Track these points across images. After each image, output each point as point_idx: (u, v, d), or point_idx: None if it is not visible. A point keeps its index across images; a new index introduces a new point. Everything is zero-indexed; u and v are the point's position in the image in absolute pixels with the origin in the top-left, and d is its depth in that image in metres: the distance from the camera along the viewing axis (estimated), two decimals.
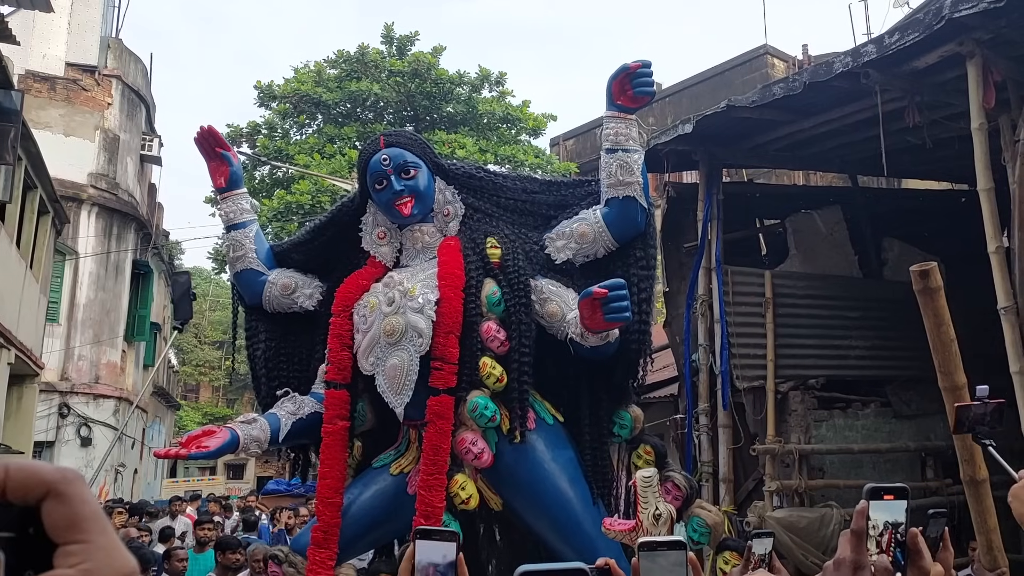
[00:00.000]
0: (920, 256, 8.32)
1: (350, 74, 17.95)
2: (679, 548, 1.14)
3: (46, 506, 0.48)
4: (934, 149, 6.29)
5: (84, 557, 0.48)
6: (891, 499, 1.12)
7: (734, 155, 7.76)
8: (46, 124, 16.03)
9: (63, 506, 0.48)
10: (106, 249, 16.67)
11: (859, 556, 1.07)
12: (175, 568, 5.84)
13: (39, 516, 0.48)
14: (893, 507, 1.11)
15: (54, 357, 15.53)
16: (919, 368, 7.72)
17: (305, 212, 16.34)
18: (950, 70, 5.50)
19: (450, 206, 3.60)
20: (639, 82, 3.28)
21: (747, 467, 7.16)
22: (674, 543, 1.14)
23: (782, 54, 18.17)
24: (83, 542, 0.48)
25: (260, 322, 3.84)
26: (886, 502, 1.11)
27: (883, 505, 1.11)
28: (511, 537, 3.72)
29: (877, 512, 1.10)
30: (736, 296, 7.19)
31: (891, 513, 1.11)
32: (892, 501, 1.12)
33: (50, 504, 0.48)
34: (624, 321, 3.03)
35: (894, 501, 1.12)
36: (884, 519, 1.11)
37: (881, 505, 1.11)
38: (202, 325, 34.48)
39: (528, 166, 17.37)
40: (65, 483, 0.49)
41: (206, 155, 3.75)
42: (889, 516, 1.11)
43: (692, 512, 3.23)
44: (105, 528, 0.50)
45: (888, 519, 1.11)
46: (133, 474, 18.50)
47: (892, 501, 1.12)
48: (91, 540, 0.49)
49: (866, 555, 1.07)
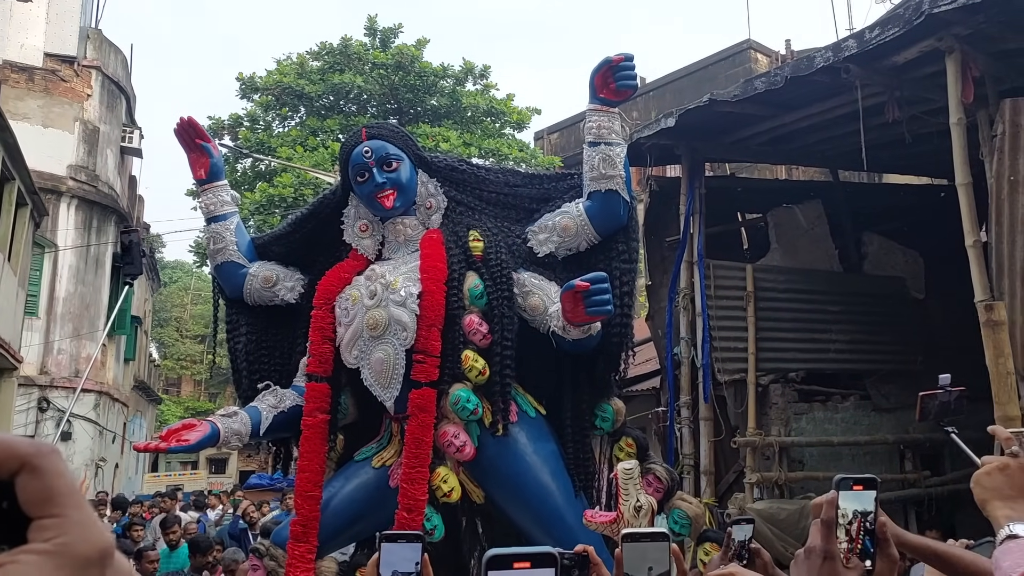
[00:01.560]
0: (900, 251, 8.41)
1: (333, 66, 17.84)
2: (662, 539, 1.17)
3: (20, 480, 0.48)
4: (914, 144, 6.34)
5: (59, 531, 0.48)
6: (860, 489, 1.15)
7: (716, 149, 7.79)
8: (24, 115, 15.83)
9: (37, 480, 0.48)
10: (86, 242, 16.51)
11: (828, 545, 1.10)
12: (146, 569, 5.86)
13: (13, 490, 0.48)
14: (862, 497, 1.14)
15: (33, 351, 15.37)
16: (898, 362, 7.82)
17: (288, 205, 16.25)
18: (929, 65, 5.55)
19: (432, 199, 3.59)
20: (622, 75, 3.27)
21: (728, 459, 7.21)
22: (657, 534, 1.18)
23: (765, 49, 18.24)
24: (58, 516, 0.48)
25: (241, 315, 3.81)
26: (855, 492, 1.14)
27: (852, 495, 1.14)
28: (493, 530, 3.71)
29: (846, 502, 1.13)
30: (718, 290, 7.23)
31: (860, 503, 1.14)
32: (861, 491, 1.15)
33: (24, 478, 0.48)
34: (606, 314, 3.03)
35: (863, 491, 1.15)
36: (853, 508, 1.14)
37: (850, 495, 1.14)
38: (184, 319, 34.25)
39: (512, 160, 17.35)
40: (40, 457, 0.48)
41: (186, 147, 3.71)
42: (858, 505, 1.14)
43: (673, 504, 3.24)
44: (80, 503, 0.49)
45: (858, 508, 1.14)
46: (114, 469, 18.36)
47: (861, 491, 1.15)
48: (66, 514, 0.48)
49: (835, 544, 1.10)
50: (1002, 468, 1.38)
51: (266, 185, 16.85)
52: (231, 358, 3.87)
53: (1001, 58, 5.61)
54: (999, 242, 5.24)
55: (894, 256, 8.38)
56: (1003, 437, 1.47)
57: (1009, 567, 1.18)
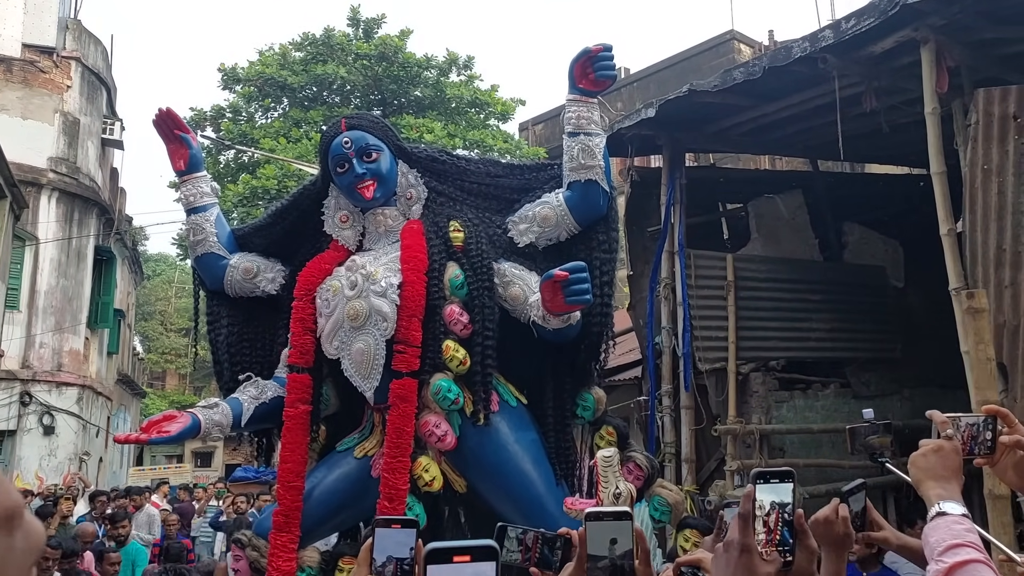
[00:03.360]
0: (880, 240, 8.49)
1: (316, 57, 17.73)
2: (625, 518, 1.19)
3: None
4: (892, 134, 6.39)
5: None
6: (777, 482, 1.19)
7: (697, 140, 7.81)
8: (3, 107, 15.67)
9: None
10: (67, 235, 16.37)
11: (745, 538, 1.15)
12: (107, 571, 5.87)
13: None
14: (779, 489, 1.18)
15: (15, 345, 15.25)
16: (878, 350, 7.90)
17: (271, 197, 16.16)
18: (906, 55, 5.59)
19: (413, 189, 3.59)
20: (600, 65, 3.29)
21: (709, 447, 7.28)
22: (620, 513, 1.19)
23: (749, 39, 18.30)
24: None
25: (222, 307, 3.81)
26: (772, 485, 1.19)
27: (770, 488, 1.18)
28: (476, 519, 3.74)
29: (764, 494, 1.17)
30: (698, 279, 7.26)
31: (778, 495, 1.18)
32: (778, 484, 1.19)
33: None
34: (585, 303, 3.05)
35: (780, 484, 1.19)
36: (771, 500, 1.18)
37: (768, 488, 1.18)
38: (168, 312, 34.05)
39: (497, 151, 17.33)
40: None
41: (165, 138, 3.71)
42: (776, 497, 1.18)
43: (653, 491, 3.27)
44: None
45: (775, 500, 1.18)
46: (98, 462, 18.26)
47: (778, 484, 1.19)
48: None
49: (752, 537, 1.15)
50: (936, 450, 1.45)
51: (249, 177, 16.75)
52: (212, 350, 3.87)
53: (976, 48, 5.66)
54: (973, 230, 5.30)
55: (874, 245, 8.45)
56: (939, 421, 1.54)
57: (936, 542, 1.25)
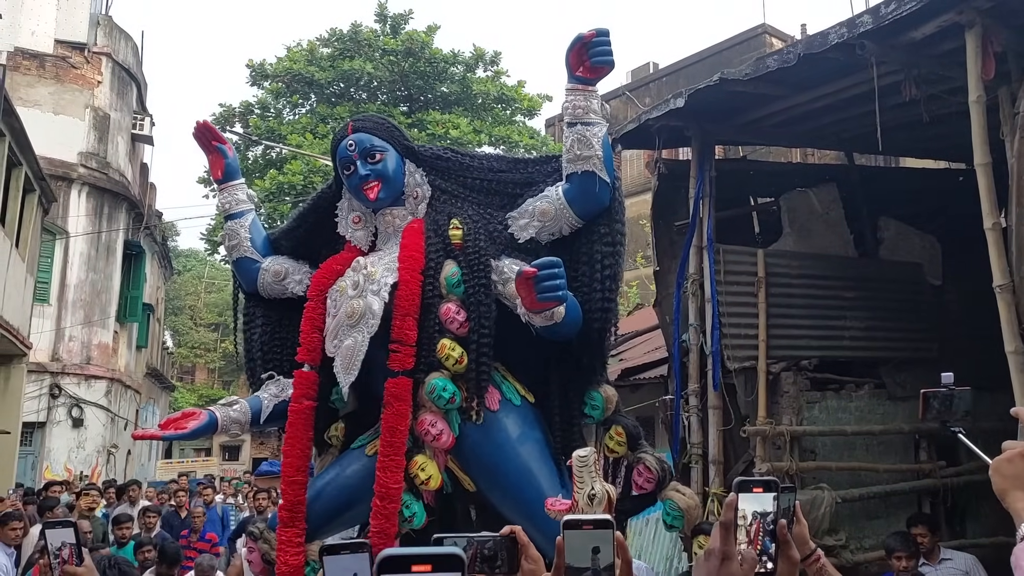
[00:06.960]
0: (916, 236, 8.19)
1: (343, 53, 17.74)
2: (606, 526, 1.10)
3: None
4: (931, 125, 6.12)
5: None
6: (760, 491, 1.19)
7: (727, 131, 7.58)
8: (35, 102, 15.85)
9: None
10: (97, 229, 16.53)
11: (726, 547, 1.12)
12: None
13: None
14: (762, 499, 1.19)
15: (45, 338, 15.43)
16: (914, 350, 7.62)
17: (297, 193, 16.20)
18: (948, 41, 5.33)
19: (419, 188, 3.62)
20: (596, 51, 3.19)
21: (737, 449, 7.05)
22: (600, 521, 1.12)
23: (781, 33, 17.99)
24: None
25: (257, 308, 3.96)
26: (755, 494, 1.19)
27: (752, 497, 1.18)
28: (487, 517, 3.69)
29: (746, 504, 1.17)
30: (728, 275, 7.03)
31: (760, 504, 1.18)
32: (760, 493, 1.19)
33: None
34: (559, 301, 2.96)
35: (763, 493, 1.19)
36: (753, 510, 1.18)
37: (750, 497, 1.18)
38: (197, 307, 34.42)
39: (523, 147, 17.22)
40: None
41: (204, 148, 3.87)
42: (758, 507, 1.18)
43: (666, 495, 3.18)
44: None
45: (757, 509, 1.19)
46: (126, 455, 18.46)
47: (760, 493, 1.19)
48: None
49: (733, 545, 1.12)
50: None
51: (276, 173, 16.81)
52: (246, 348, 4.04)
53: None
54: (1020, 224, 5.04)
55: (911, 241, 8.16)
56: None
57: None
